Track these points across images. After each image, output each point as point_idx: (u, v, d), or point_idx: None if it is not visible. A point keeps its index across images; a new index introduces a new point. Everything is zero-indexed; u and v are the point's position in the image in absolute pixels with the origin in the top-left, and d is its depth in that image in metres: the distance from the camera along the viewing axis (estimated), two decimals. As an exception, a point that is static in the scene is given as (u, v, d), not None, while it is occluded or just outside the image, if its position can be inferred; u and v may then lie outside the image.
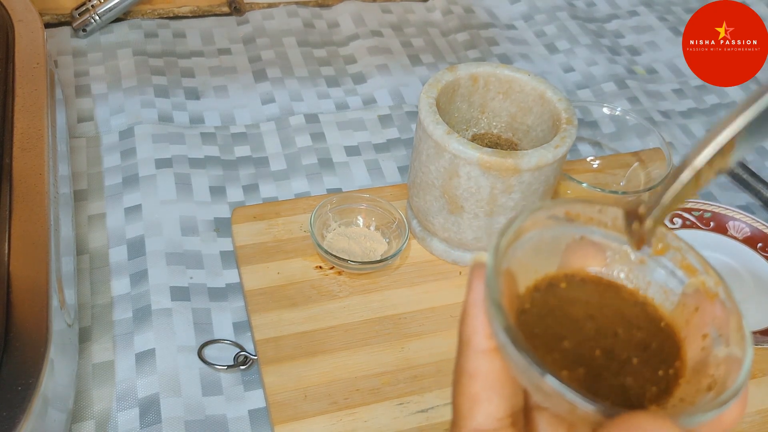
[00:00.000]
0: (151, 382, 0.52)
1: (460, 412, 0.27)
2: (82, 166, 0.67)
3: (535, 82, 0.58)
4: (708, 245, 0.63)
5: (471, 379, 0.26)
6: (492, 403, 0.26)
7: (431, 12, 0.93)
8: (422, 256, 0.61)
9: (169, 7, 0.85)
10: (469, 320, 0.27)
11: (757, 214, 0.69)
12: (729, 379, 0.24)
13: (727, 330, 0.26)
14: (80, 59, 0.78)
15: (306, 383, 0.51)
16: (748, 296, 0.60)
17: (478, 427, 0.26)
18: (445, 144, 0.52)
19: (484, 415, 0.26)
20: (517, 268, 0.28)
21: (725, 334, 0.26)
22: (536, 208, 0.28)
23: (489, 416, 0.26)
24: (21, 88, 0.57)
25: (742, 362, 0.24)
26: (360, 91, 0.80)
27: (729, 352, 0.25)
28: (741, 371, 0.24)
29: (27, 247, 0.46)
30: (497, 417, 0.26)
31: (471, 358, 0.26)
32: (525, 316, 0.27)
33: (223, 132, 0.73)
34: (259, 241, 0.60)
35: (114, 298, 0.58)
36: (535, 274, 0.29)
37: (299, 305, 0.56)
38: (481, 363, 0.26)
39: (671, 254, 0.29)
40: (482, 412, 0.26)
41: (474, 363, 0.26)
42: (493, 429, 0.26)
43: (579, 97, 0.83)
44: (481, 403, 0.26)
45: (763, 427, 0.52)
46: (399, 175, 0.71)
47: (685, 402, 0.25)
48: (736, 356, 0.25)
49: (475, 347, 0.26)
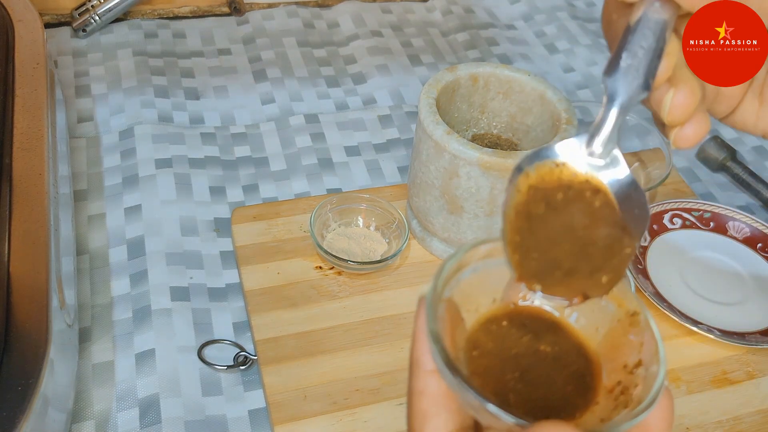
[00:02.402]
0: (151, 382, 0.52)
1: (413, 429, 0.28)
2: (82, 166, 0.67)
3: (535, 83, 0.58)
4: (708, 245, 0.63)
5: (420, 397, 0.28)
6: (441, 418, 0.28)
7: (431, 12, 0.93)
8: (422, 256, 0.61)
9: (169, 8, 0.85)
10: (417, 344, 0.28)
11: (757, 214, 0.69)
12: (645, 394, 0.27)
13: (647, 356, 0.28)
14: (80, 59, 0.78)
15: (306, 383, 0.51)
16: (748, 296, 0.60)
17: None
18: (445, 144, 0.52)
19: (435, 430, 0.28)
20: (459, 299, 0.30)
21: (645, 359, 0.28)
22: (478, 242, 0.31)
23: (439, 430, 0.28)
24: (21, 88, 0.57)
25: (657, 376, 0.27)
26: (360, 91, 0.80)
27: (647, 374, 0.27)
28: (656, 382, 0.27)
29: (27, 247, 0.46)
30: (447, 431, 0.28)
31: (420, 377, 0.28)
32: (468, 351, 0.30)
33: (223, 132, 0.73)
34: (259, 241, 0.60)
35: (114, 299, 0.58)
36: (478, 305, 0.31)
37: (299, 305, 0.56)
38: (429, 382, 0.28)
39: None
40: (432, 427, 0.28)
41: (422, 382, 0.28)
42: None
43: (579, 97, 0.83)
44: (431, 419, 0.28)
45: (763, 427, 0.52)
46: (399, 175, 0.71)
47: (604, 421, 0.27)
48: (652, 375, 0.27)
49: (423, 367, 0.28)
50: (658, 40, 0.29)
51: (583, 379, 0.29)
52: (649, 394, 0.27)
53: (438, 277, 0.29)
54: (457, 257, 0.30)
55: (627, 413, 0.27)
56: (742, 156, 0.76)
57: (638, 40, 0.29)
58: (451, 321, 0.29)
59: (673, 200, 0.65)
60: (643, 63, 0.29)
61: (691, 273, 0.61)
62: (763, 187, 0.72)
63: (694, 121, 0.32)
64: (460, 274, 0.30)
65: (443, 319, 0.28)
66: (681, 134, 0.32)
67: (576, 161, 0.30)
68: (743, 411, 0.53)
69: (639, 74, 0.29)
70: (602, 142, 0.29)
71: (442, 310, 0.29)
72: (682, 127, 0.32)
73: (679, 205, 0.65)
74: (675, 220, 0.64)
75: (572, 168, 0.30)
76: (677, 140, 0.32)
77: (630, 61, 0.29)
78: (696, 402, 0.53)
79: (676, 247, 0.63)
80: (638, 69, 0.29)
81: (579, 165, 0.30)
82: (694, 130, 0.32)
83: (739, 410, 0.53)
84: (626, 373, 0.28)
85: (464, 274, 0.30)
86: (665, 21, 0.29)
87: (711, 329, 0.56)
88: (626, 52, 0.29)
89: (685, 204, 0.65)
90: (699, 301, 0.59)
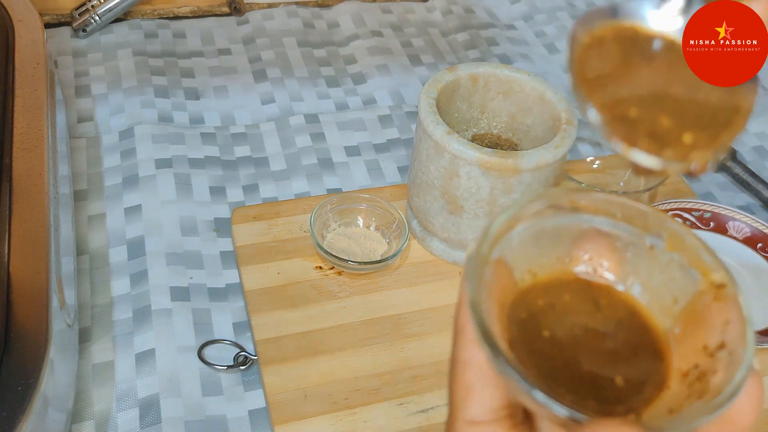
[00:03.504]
0: (151, 382, 0.52)
1: (454, 403, 0.26)
2: (82, 166, 0.67)
3: (535, 83, 0.58)
4: (708, 245, 0.63)
5: (465, 368, 0.26)
6: (486, 393, 0.25)
7: (431, 12, 0.93)
8: (422, 256, 0.61)
9: (169, 8, 0.85)
10: (461, 310, 0.26)
11: (757, 214, 0.69)
12: (727, 382, 0.23)
13: (732, 337, 0.25)
14: (80, 59, 0.78)
15: (306, 383, 0.51)
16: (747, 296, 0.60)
17: (473, 418, 0.25)
18: (445, 144, 0.52)
19: (479, 405, 0.25)
20: (512, 259, 0.27)
21: (730, 341, 0.25)
22: (536, 196, 0.27)
23: (483, 406, 0.25)
24: (21, 88, 0.57)
25: (742, 361, 0.23)
26: (360, 91, 0.80)
27: (731, 359, 0.24)
28: (741, 368, 0.23)
29: (27, 247, 0.46)
30: (492, 407, 0.25)
31: (465, 347, 0.26)
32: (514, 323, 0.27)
33: (223, 132, 0.73)
34: (259, 241, 0.60)
35: (114, 299, 0.58)
36: (536, 265, 0.28)
37: (299, 305, 0.56)
38: (475, 352, 0.25)
39: (685, 252, 0.27)
40: (476, 402, 0.25)
41: (468, 352, 0.26)
42: (488, 420, 0.25)
43: (579, 97, 0.83)
44: (475, 393, 0.25)
45: (763, 427, 0.52)
46: (399, 175, 0.71)
47: (674, 412, 0.24)
48: (735, 363, 0.24)
49: (469, 336, 0.25)
50: None
51: (651, 361, 0.26)
52: (733, 381, 0.23)
53: (485, 236, 0.25)
54: (510, 212, 0.26)
55: (703, 405, 0.23)
56: (742, 156, 0.76)
57: None
58: (500, 285, 0.26)
59: (673, 200, 0.65)
60: None
61: (691, 273, 0.61)
62: (763, 187, 0.72)
63: None
64: (513, 232, 0.26)
65: (490, 284, 0.25)
66: None
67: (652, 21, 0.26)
68: (743, 411, 0.53)
69: None
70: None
71: (489, 273, 0.25)
72: None
73: (679, 205, 0.65)
74: (675, 219, 0.64)
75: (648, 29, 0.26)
76: None
77: None
78: (696, 402, 0.53)
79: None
80: None
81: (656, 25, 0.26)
82: None
83: (739, 410, 0.53)
84: (706, 356, 0.25)
85: (516, 232, 0.27)
86: None
87: (711, 329, 0.56)
88: None
89: (685, 204, 0.65)
90: (699, 301, 0.59)
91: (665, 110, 0.26)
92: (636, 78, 0.26)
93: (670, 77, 0.26)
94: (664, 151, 0.25)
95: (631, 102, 0.26)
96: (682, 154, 0.25)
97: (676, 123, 0.26)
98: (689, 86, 0.26)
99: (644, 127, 0.25)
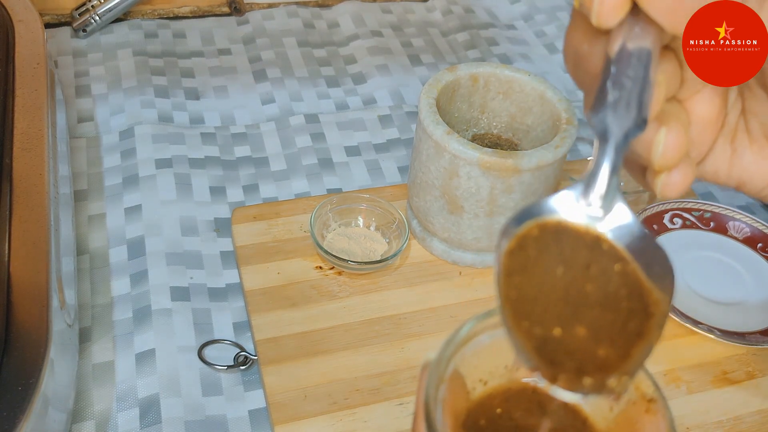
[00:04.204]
0: (151, 382, 0.52)
1: None
2: (82, 166, 0.67)
3: (535, 82, 0.58)
4: (708, 245, 0.63)
5: None
6: None
7: (431, 12, 0.93)
8: (422, 256, 0.61)
9: (169, 8, 0.85)
10: (418, 420, 0.27)
11: (757, 214, 0.69)
12: None
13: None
14: (80, 59, 0.78)
15: (306, 383, 0.51)
16: (748, 296, 0.60)
17: None
18: (445, 144, 0.52)
19: None
20: (465, 371, 0.28)
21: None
22: (488, 315, 0.28)
23: None
24: (21, 88, 0.57)
25: None
26: (360, 91, 0.80)
27: None
28: None
29: (27, 247, 0.46)
30: None
31: None
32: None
33: (223, 132, 0.73)
34: (259, 241, 0.60)
35: (114, 299, 0.58)
36: (486, 374, 0.29)
37: (299, 305, 0.56)
38: None
39: None
40: None
41: None
42: None
43: (579, 97, 0.83)
44: None
45: (763, 427, 0.52)
46: (399, 175, 0.71)
47: None
48: None
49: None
50: (646, 68, 0.25)
51: None
52: None
53: (443, 353, 0.27)
54: (467, 328, 0.28)
55: None
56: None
57: (623, 70, 0.25)
58: (454, 397, 0.28)
59: (673, 200, 0.65)
60: (634, 95, 0.25)
61: (691, 273, 0.61)
62: (763, 187, 0.72)
63: (682, 167, 0.28)
64: (466, 347, 0.28)
65: (445, 399, 0.27)
66: (669, 181, 0.28)
67: (574, 215, 0.26)
68: (743, 411, 0.53)
69: (631, 107, 0.25)
70: (600, 193, 0.26)
71: (444, 390, 0.27)
72: (670, 173, 0.28)
73: (679, 205, 0.65)
74: (675, 220, 0.65)
75: (570, 222, 0.26)
76: (665, 188, 0.29)
77: (618, 93, 0.25)
78: (696, 402, 0.53)
79: (677, 247, 0.63)
80: (629, 102, 0.25)
81: (578, 219, 0.26)
82: (682, 176, 0.29)
83: (739, 410, 0.53)
84: None
85: (470, 347, 0.28)
86: (650, 47, 0.25)
87: (711, 329, 0.56)
88: (611, 84, 0.25)
89: (686, 204, 0.65)
90: (699, 301, 0.59)
91: (581, 318, 0.26)
92: (553, 281, 0.26)
93: (584, 278, 0.26)
94: (583, 381, 0.26)
95: (551, 315, 0.26)
96: (599, 384, 0.25)
97: (591, 336, 0.26)
98: (602, 286, 0.26)
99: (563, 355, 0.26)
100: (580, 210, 0.26)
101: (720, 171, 0.32)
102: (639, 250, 0.26)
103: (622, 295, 0.25)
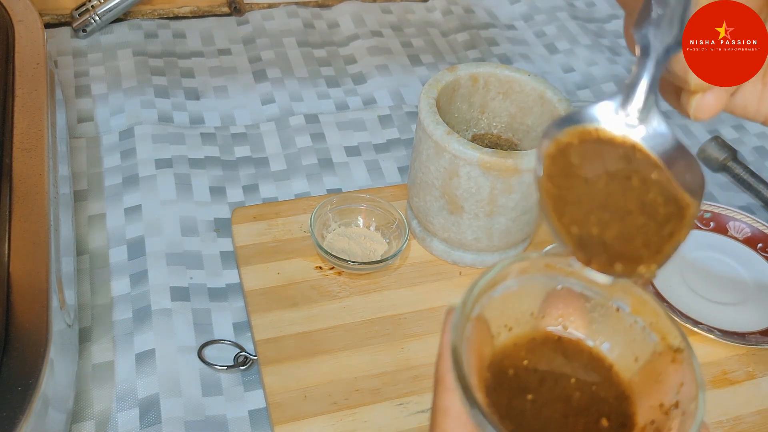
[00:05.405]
0: (151, 382, 0.52)
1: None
2: (82, 166, 0.67)
3: (535, 83, 0.58)
4: (708, 245, 0.63)
5: (444, 416, 0.27)
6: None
7: (431, 12, 0.93)
8: (422, 256, 0.61)
9: (169, 8, 0.85)
10: (442, 361, 0.28)
11: (757, 215, 0.69)
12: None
13: (685, 398, 0.26)
14: (80, 59, 0.78)
15: (306, 383, 0.51)
16: (748, 296, 0.60)
17: None
18: (445, 144, 0.52)
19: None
20: (490, 315, 0.29)
21: (683, 401, 0.26)
22: (516, 259, 0.29)
23: None
24: (21, 88, 0.57)
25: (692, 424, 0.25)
26: (360, 91, 0.80)
27: (683, 418, 0.26)
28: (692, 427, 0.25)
29: (27, 247, 0.46)
30: None
31: (444, 396, 0.27)
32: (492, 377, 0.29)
33: (223, 132, 0.73)
34: (259, 241, 0.60)
35: (114, 299, 0.58)
36: (511, 321, 0.30)
37: (299, 305, 0.56)
38: (454, 401, 0.27)
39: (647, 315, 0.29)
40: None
41: (446, 401, 0.27)
42: None
43: (579, 97, 0.83)
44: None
45: (763, 427, 0.52)
46: (399, 175, 0.71)
47: None
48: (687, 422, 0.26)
49: (448, 386, 0.27)
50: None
51: (617, 416, 0.28)
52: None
53: (469, 295, 0.27)
54: (492, 273, 0.28)
55: None
56: (742, 156, 0.76)
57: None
58: (479, 340, 0.28)
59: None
60: (677, 12, 0.26)
61: (692, 273, 0.61)
62: (764, 187, 0.72)
63: (716, 90, 0.30)
64: (493, 291, 0.29)
65: (470, 339, 0.27)
66: (702, 102, 0.30)
67: (612, 125, 0.28)
68: (743, 411, 0.53)
69: (673, 24, 0.26)
70: (639, 106, 0.27)
71: (470, 329, 0.27)
72: (704, 94, 0.30)
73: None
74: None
75: (608, 132, 0.27)
76: (698, 110, 0.30)
77: (662, 10, 0.26)
78: (696, 402, 0.53)
79: (677, 247, 0.63)
80: (672, 19, 0.26)
81: (616, 128, 0.27)
82: (715, 99, 0.30)
83: (739, 410, 0.53)
84: (661, 414, 0.27)
85: (497, 291, 0.29)
86: None
87: (711, 329, 0.56)
88: (656, 1, 0.26)
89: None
90: (699, 301, 0.59)
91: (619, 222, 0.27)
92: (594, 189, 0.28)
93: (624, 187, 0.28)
94: (614, 267, 0.27)
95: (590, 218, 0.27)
96: (630, 270, 0.27)
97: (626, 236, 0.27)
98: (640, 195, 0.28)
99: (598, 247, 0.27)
100: (619, 120, 0.28)
101: (749, 105, 0.33)
102: (673, 159, 0.27)
103: (659, 201, 0.27)
